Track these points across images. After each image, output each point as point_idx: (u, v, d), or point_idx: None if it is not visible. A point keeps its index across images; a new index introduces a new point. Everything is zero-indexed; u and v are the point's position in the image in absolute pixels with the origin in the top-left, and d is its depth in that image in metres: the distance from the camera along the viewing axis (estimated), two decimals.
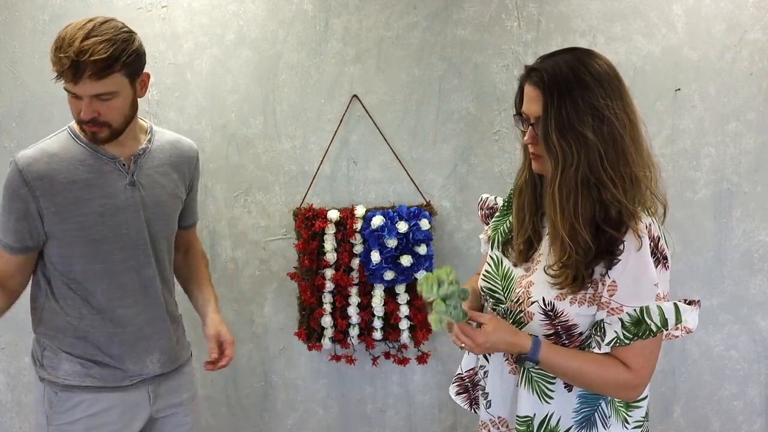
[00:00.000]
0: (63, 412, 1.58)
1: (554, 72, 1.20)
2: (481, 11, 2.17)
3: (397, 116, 2.22)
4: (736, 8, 2.10)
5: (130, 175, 1.57)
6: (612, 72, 1.22)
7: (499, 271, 1.40)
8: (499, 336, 1.25)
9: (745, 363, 2.25)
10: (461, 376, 1.53)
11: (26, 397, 2.44)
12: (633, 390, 1.25)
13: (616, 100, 1.19)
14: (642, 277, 1.20)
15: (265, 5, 2.21)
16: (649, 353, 1.23)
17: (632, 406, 1.32)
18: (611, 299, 1.21)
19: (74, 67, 1.39)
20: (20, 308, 2.40)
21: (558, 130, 1.18)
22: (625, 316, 1.20)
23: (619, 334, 1.21)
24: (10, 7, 2.25)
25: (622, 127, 1.19)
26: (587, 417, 1.30)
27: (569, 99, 1.17)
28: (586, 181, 1.19)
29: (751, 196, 2.18)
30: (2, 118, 2.31)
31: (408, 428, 2.39)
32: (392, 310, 2.18)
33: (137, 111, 1.58)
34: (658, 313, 1.20)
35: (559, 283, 1.24)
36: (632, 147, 1.20)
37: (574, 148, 1.18)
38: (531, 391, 1.31)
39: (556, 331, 1.27)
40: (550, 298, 1.26)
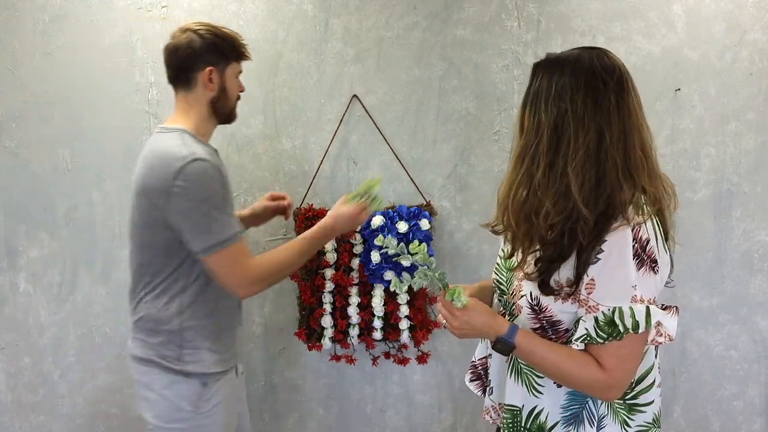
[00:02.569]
0: (209, 399, 1.67)
1: (549, 56, 1.25)
2: (481, 11, 2.17)
3: (397, 116, 2.22)
4: (736, 8, 2.10)
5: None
6: (604, 74, 1.19)
7: (506, 264, 1.42)
8: (478, 317, 1.28)
9: (745, 363, 2.25)
10: (474, 364, 1.56)
11: (26, 397, 2.45)
12: (607, 390, 1.24)
13: (587, 99, 1.18)
14: (619, 277, 1.18)
15: (265, 5, 2.21)
16: (624, 355, 1.22)
17: (635, 409, 1.31)
18: (589, 297, 1.21)
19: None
20: (19, 308, 2.41)
21: (524, 101, 1.24)
22: (600, 315, 1.20)
23: (590, 331, 1.21)
24: (10, 7, 2.25)
25: (577, 124, 1.18)
26: (575, 414, 1.30)
27: (545, 79, 1.22)
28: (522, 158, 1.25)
29: (751, 196, 2.18)
30: (2, 118, 2.31)
31: (408, 428, 2.39)
32: (392, 310, 2.18)
33: None
34: (630, 314, 1.19)
35: (530, 279, 1.27)
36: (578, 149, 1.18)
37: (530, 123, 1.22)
38: (520, 382, 1.33)
39: (542, 325, 1.29)
40: (536, 293, 1.27)
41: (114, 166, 2.32)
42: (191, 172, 1.49)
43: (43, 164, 2.33)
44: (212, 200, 1.51)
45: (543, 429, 1.32)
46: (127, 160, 2.32)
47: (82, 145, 2.32)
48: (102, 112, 2.30)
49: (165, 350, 1.64)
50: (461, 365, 2.31)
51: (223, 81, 1.68)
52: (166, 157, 1.52)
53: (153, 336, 1.65)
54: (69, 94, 2.29)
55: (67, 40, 2.26)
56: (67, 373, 2.43)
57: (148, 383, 1.66)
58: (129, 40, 2.25)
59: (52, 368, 2.43)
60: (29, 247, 2.38)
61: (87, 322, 2.40)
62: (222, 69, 1.67)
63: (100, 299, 2.39)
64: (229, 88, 1.70)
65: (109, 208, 2.34)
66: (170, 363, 1.64)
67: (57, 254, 2.37)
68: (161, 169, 1.52)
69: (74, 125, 2.31)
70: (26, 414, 2.46)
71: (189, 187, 1.49)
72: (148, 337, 1.66)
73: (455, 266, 2.27)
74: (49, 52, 2.27)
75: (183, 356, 1.64)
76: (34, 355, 2.43)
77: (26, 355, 2.43)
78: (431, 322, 2.22)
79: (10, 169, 2.34)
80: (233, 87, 1.72)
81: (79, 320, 2.40)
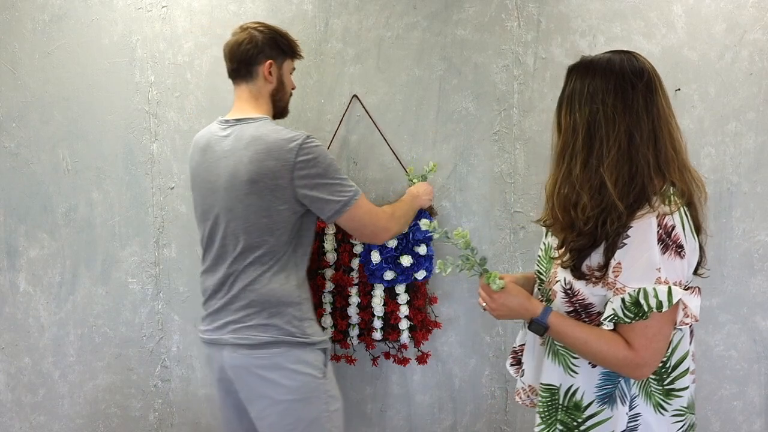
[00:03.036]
0: (327, 364, 1.81)
1: (582, 58, 1.36)
2: (481, 11, 2.17)
3: (397, 116, 2.22)
4: (736, 8, 2.10)
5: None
6: (632, 75, 1.29)
7: (546, 255, 1.51)
8: (513, 299, 1.39)
9: (745, 363, 2.25)
10: (515, 350, 1.65)
11: (26, 397, 2.45)
12: (635, 368, 1.31)
13: (617, 100, 1.28)
14: (644, 260, 1.26)
15: (265, 5, 2.21)
16: (651, 334, 1.29)
17: (672, 394, 1.37)
18: (616, 280, 1.29)
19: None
20: (19, 308, 2.41)
21: (560, 102, 1.35)
22: (627, 296, 1.28)
23: (618, 311, 1.28)
24: (10, 7, 2.25)
25: (608, 124, 1.28)
26: (609, 393, 1.37)
27: (578, 80, 1.32)
28: (561, 156, 1.35)
29: (751, 196, 2.18)
30: (2, 118, 2.31)
31: (408, 428, 2.39)
32: (392, 310, 2.18)
33: None
34: (653, 294, 1.26)
35: (563, 266, 1.36)
36: (612, 148, 1.28)
37: (566, 122, 1.32)
38: (557, 363, 1.42)
39: (575, 308, 1.38)
40: (569, 278, 1.36)
41: (114, 166, 2.32)
42: (310, 146, 1.67)
43: (43, 164, 2.33)
44: (333, 165, 1.71)
45: (579, 407, 1.39)
46: (127, 160, 2.32)
47: (82, 145, 2.32)
48: (102, 112, 2.30)
49: (289, 327, 1.71)
50: (461, 365, 2.32)
51: (280, 74, 1.82)
52: (280, 139, 1.66)
53: (272, 317, 1.71)
54: (69, 94, 2.29)
55: (67, 40, 2.26)
56: (67, 373, 2.43)
57: (276, 364, 1.71)
58: (129, 40, 2.26)
59: (52, 368, 2.43)
60: (29, 247, 2.38)
61: (87, 322, 2.40)
62: (280, 63, 1.82)
63: (100, 299, 2.39)
64: (286, 83, 1.85)
65: (109, 208, 2.35)
66: (297, 337, 1.71)
67: (57, 254, 2.38)
68: (278, 151, 1.65)
69: (74, 125, 2.31)
70: (26, 414, 2.46)
71: (312, 159, 1.66)
72: (268, 319, 1.71)
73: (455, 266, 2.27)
74: (49, 52, 2.27)
75: (305, 328, 1.74)
76: (34, 355, 2.43)
77: (26, 355, 2.43)
78: (431, 322, 2.22)
79: (10, 169, 2.34)
80: (288, 82, 1.87)
81: (79, 320, 2.41)
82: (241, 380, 1.73)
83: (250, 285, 1.71)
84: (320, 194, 1.68)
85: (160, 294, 2.38)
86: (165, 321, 2.39)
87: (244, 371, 1.72)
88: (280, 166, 1.65)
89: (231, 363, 1.73)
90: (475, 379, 2.32)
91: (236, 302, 1.72)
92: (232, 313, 1.73)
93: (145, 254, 2.36)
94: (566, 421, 1.41)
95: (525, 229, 2.23)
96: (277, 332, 1.70)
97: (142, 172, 2.33)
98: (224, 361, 1.74)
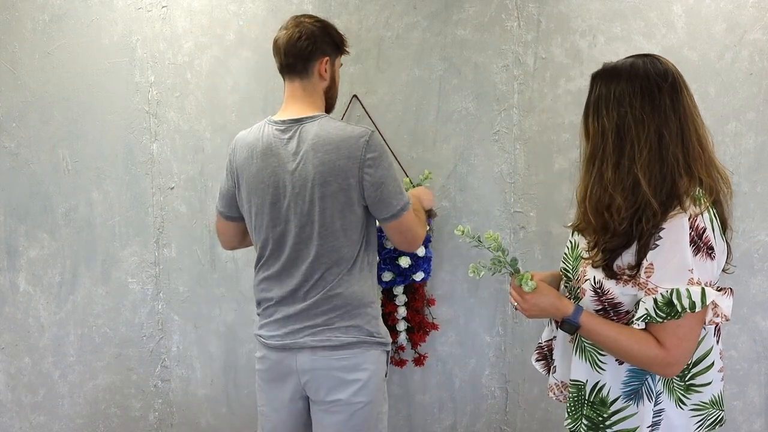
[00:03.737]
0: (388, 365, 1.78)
1: (606, 64, 1.38)
2: (481, 11, 2.16)
3: (397, 116, 2.22)
4: (736, 8, 2.10)
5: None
6: (658, 78, 1.33)
7: (573, 254, 1.52)
8: (545, 298, 1.41)
9: (745, 363, 2.25)
10: (541, 345, 1.66)
11: (26, 397, 2.45)
12: (666, 366, 1.33)
13: (645, 102, 1.32)
14: (676, 261, 1.28)
15: (265, 5, 2.21)
16: (682, 334, 1.31)
17: (691, 389, 1.40)
18: (648, 280, 1.31)
19: None
20: (19, 308, 2.41)
21: (586, 109, 1.37)
22: (659, 297, 1.30)
23: (650, 311, 1.31)
24: (10, 7, 2.25)
25: (637, 126, 1.31)
26: (635, 390, 1.39)
27: (604, 86, 1.35)
28: (591, 162, 1.36)
29: (751, 196, 2.18)
30: (2, 118, 2.31)
31: (408, 428, 2.39)
32: (390, 312, 2.18)
33: None
34: (686, 295, 1.28)
35: (594, 265, 1.38)
36: (644, 150, 1.31)
37: (595, 129, 1.34)
38: (584, 359, 1.44)
39: (604, 307, 1.39)
40: (599, 277, 1.38)
41: (114, 166, 2.32)
42: (376, 142, 1.62)
43: (43, 164, 2.34)
44: (393, 166, 1.66)
45: (605, 402, 1.41)
46: (127, 160, 2.32)
47: (82, 145, 2.32)
48: (102, 112, 2.30)
49: (369, 327, 1.70)
50: (461, 365, 2.32)
51: (333, 71, 1.75)
52: (347, 138, 1.62)
53: (354, 318, 1.69)
54: (69, 94, 2.30)
55: (67, 40, 2.26)
56: (67, 373, 2.44)
57: (358, 364, 1.68)
58: (129, 40, 2.26)
59: (52, 368, 2.43)
60: (29, 247, 2.38)
61: (87, 322, 2.40)
62: (333, 60, 1.75)
63: (100, 299, 2.39)
64: (337, 79, 1.79)
65: (109, 208, 2.35)
66: (374, 337, 1.70)
67: (57, 254, 2.38)
68: (348, 148, 1.61)
69: (74, 125, 2.31)
70: (26, 414, 2.46)
71: (378, 156, 1.62)
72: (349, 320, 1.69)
73: (455, 266, 2.27)
74: (49, 52, 2.27)
75: (380, 328, 1.73)
76: (34, 355, 2.43)
77: (26, 355, 2.43)
78: (429, 324, 2.22)
79: (10, 169, 2.34)
80: (338, 78, 1.81)
81: (79, 320, 2.41)
82: (316, 382, 1.69)
83: (332, 289, 1.67)
84: (383, 194, 1.64)
85: (160, 294, 2.38)
86: (165, 321, 2.39)
87: (322, 373, 1.68)
88: (351, 164, 1.61)
89: (308, 366, 1.69)
90: (475, 379, 2.32)
91: (318, 307, 1.68)
92: (313, 318, 1.69)
93: (145, 254, 2.36)
94: (592, 417, 1.44)
95: (525, 229, 2.23)
96: (359, 333, 1.68)
97: (142, 172, 2.33)
98: (298, 364, 1.70)
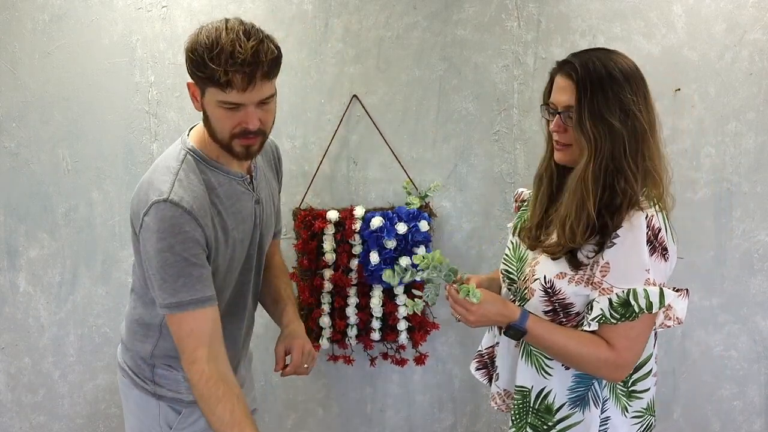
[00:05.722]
0: (191, 425, 1.52)
1: (587, 65, 1.31)
2: (481, 11, 2.16)
3: (397, 116, 2.22)
4: (736, 8, 2.10)
5: (255, 193, 1.45)
6: (638, 72, 1.32)
7: (515, 255, 1.48)
8: (491, 306, 1.34)
9: (745, 363, 2.25)
10: (481, 353, 1.61)
11: (26, 398, 2.45)
12: (615, 370, 1.30)
13: (641, 97, 1.29)
14: (634, 260, 1.25)
15: (265, 5, 2.21)
16: (634, 336, 1.28)
17: (633, 396, 1.36)
18: (603, 279, 1.27)
19: (249, 73, 1.25)
20: (19, 308, 2.41)
21: (591, 117, 1.27)
22: (614, 297, 1.26)
23: (605, 311, 1.26)
24: (10, 7, 2.25)
25: (645, 122, 1.28)
26: (581, 396, 1.35)
27: (601, 90, 1.27)
28: (606, 169, 1.28)
29: (751, 196, 2.18)
30: (2, 118, 2.31)
31: (408, 428, 2.39)
32: (390, 311, 2.18)
33: None
34: (644, 295, 1.24)
35: (554, 252, 1.33)
36: (652, 143, 1.29)
37: (604, 136, 1.27)
38: (530, 364, 1.39)
39: (554, 308, 1.35)
40: (550, 276, 1.33)
41: (114, 166, 2.32)
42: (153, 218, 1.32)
43: (43, 164, 2.33)
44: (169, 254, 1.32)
45: (550, 409, 1.37)
46: (127, 160, 2.32)
47: (82, 145, 2.32)
48: (102, 112, 2.30)
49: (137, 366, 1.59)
50: (461, 365, 2.31)
51: (203, 103, 1.35)
52: (137, 192, 1.41)
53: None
54: (69, 94, 2.29)
55: (67, 40, 2.26)
56: (67, 373, 2.44)
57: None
58: (129, 40, 2.25)
59: (52, 368, 2.43)
60: (29, 247, 2.38)
61: (87, 322, 2.40)
62: (201, 88, 1.33)
63: (100, 299, 2.39)
64: (211, 115, 1.35)
65: (109, 208, 2.35)
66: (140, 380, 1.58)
67: (57, 254, 2.38)
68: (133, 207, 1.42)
69: (74, 125, 2.31)
70: (26, 414, 2.46)
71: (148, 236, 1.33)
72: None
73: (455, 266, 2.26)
74: (49, 52, 2.27)
75: (155, 377, 1.57)
76: (34, 355, 2.43)
77: (26, 355, 2.43)
78: (429, 324, 2.22)
79: (10, 169, 2.34)
80: (216, 116, 1.33)
81: (79, 320, 2.41)
82: None
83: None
84: (150, 278, 1.36)
85: None
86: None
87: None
88: (135, 222, 1.39)
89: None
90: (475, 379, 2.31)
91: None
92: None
93: None
94: (536, 425, 1.38)
95: None
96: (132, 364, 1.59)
97: (142, 172, 2.32)
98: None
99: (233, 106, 1.29)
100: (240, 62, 1.24)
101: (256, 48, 1.26)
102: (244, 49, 1.24)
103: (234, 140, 1.34)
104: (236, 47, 1.24)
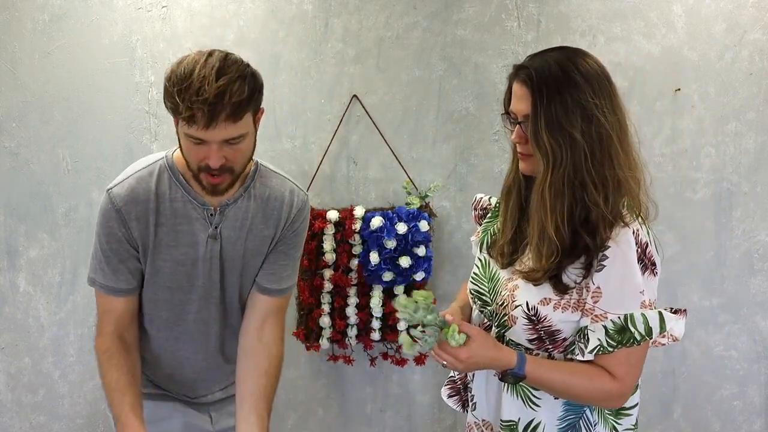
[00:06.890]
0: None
1: (543, 70, 1.18)
2: (481, 11, 2.16)
3: (397, 116, 2.22)
4: (736, 8, 2.10)
5: (213, 227, 1.44)
6: (602, 71, 1.19)
7: (486, 273, 1.37)
8: (482, 352, 1.22)
9: (745, 363, 2.25)
10: (453, 379, 1.52)
11: (26, 397, 2.45)
12: (619, 399, 1.24)
13: (605, 100, 1.17)
14: (627, 284, 1.17)
15: (265, 5, 2.21)
16: (634, 361, 1.21)
17: (622, 414, 1.31)
18: (595, 306, 1.18)
19: (210, 112, 1.22)
20: (19, 308, 2.41)
21: (548, 128, 1.16)
22: (609, 324, 1.18)
23: (602, 341, 1.18)
24: (10, 7, 2.25)
25: (611, 128, 1.16)
26: (572, 424, 1.29)
27: (558, 97, 1.15)
28: (570, 182, 1.17)
29: (751, 196, 2.18)
30: (2, 118, 2.31)
31: (408, 428, 2.39)
32: (391, 311, 2.18)
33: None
34: (642, 321, 1.17)
35: (534, 279, 1.22)
36: (620, 149, 1.18)
37: (563, 147, 1.15)
38: (516, 396, 1.30)
39: (539, 336, 1.25)
40: (533, 303, 1.23)
41: (114, 166, 2.32)
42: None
43: (43, 164, 2.33)
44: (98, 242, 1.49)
45: None
46: (127, 160, 2.31)
47: (82, 145, 2.32)
48: (102, 112, 2.30)
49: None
50: None
51: (176, 129, 1.35)
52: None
53: None
54: (69, 94, 2.29)
55: (67, 40, 2.26)
56: (67, 373, 2.43)
57: None
58: (129, 40, 2.25)
59: (52, 368, 2.43)
60: (29, 247, 2.38)
61: (87, 322, 2.40)
62: (175, 118, 1.32)
63: None
64: (182, 144, 1.35)
65: None
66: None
67: (57, 254, 2.38)
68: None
69: (74, 125, 2.31)
70: (26, 414, 2.46)
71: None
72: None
73: (455, 266, 2.27)
74: (49, 52, 2.27)
75: None
76: (34, 355, 2.43)
77: (26, 355, 2.43)
78: None
79: (10, 169, 2.34)
80: (185, 147, 1.34)
81: (79, 320, 2.41)
82: None
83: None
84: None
85: None
86: None
87: None
88: None
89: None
90: None
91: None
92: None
93: None
94: None
95: None
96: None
97: None
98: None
99: (198, 141, 1.29)
100: (202, 101, 1.22)
101: (222, 89, 1.23)
102: (209, 88, 1.22)
103: (201, 173, 1.35)
104: (203, 85, 1.22)
